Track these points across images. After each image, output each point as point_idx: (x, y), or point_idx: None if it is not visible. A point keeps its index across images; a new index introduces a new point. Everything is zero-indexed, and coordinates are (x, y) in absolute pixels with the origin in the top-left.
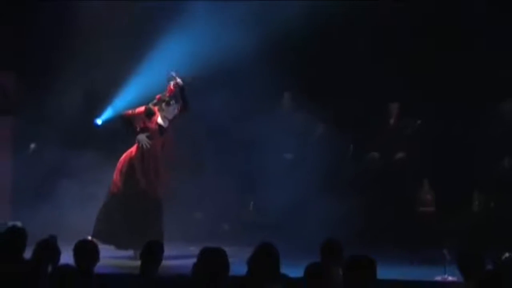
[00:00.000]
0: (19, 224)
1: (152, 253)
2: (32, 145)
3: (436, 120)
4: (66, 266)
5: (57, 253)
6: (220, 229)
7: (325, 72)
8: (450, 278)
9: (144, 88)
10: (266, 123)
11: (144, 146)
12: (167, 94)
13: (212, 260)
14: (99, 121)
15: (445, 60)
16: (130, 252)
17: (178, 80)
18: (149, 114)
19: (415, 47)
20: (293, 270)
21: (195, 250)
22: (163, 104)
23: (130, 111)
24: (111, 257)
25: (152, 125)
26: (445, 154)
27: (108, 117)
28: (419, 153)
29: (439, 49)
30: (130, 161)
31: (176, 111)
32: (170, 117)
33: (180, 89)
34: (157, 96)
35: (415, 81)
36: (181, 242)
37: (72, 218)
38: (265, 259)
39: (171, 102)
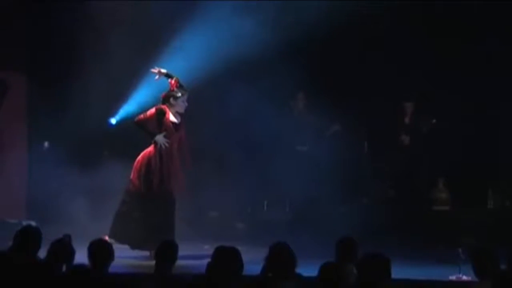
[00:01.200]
0: (33, 223)
1: (166, 252)
2: (46, 144)
3: (451, 119)
4: (81, 265)
5: (71, 252)
6: (234, 228)
7: (340, 71)
8: (464, 278)
9: (159, 88)
10: (282, 121)
11: (163, 146)
12: (171, 89)
13: (226, 260)
14: (113, 121)
15: (461, 58)
16: (145, 252)
17: (161, 70)
18: (161, 114)
19: (430, 45)
20: (308, 269)
21: (209, 249)
22: (171, 99)
23: (142, 116)
24: (126, 257)
25: (167, 124)
26: (460, 152)
27: (123, 116)
28: (434, 152)
29: (455, 46)
30: (148, 161)
31: (186, 103)
32: (182, 110)
33: (166, 75)
34: (162, 95)
35: (430, 79)
36: (196, 241)
37: (87, 217)
38: (280, 258)
39: (178, 95)
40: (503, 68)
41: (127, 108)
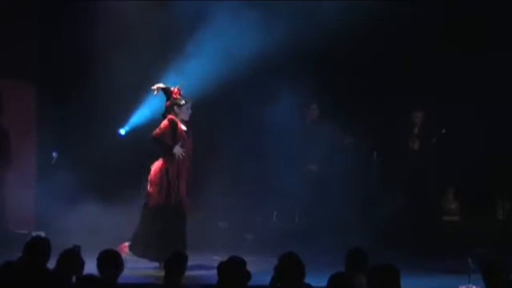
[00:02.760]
0: (42, 234)
1: (176, 263)
2: (55, 154)
3: (460, 129)
4: (90, 276)
5: (80, 263)
6: (244, 239)
7: (351, 83)
8: (474, 287)
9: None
10: (293, 133)
11: (181, 156)
12: (174, 98)
13: (231, 271)
14: (122, 131)
15: (471, 67)
16: (155, 262)
17: (159, 86)
18: (174, 124)
19: (439, 55)
20: (318, 280)
21: (219, 260)
22: (175, 107)
23: (158, 130)
24: (135, 267)
25: (180, 134)
26: (470, 163)
27: (132, 127)
28: (444, 162)
29: (464, 55)
30: (167, 173)
31: (189, 110)
32: (187, 118)
33: (163, 89)
34: (166, 104)
35: (439, 90)
36: (205, 252)
37: (96, 227)
38: (289, 268)
39: (182, 103)
40: None
41: (137, 118)
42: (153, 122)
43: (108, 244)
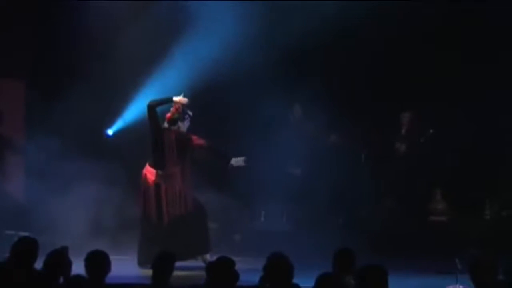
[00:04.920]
0: (30, 235)
1: (163, 263)
2: (42, 156)
3: (448, 129)
4: (78, 277)
5: (68, 264)
6: (232, 239)
7: (336, 82)
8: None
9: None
10: (277, 133)
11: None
12: (177, 111)
13: (219, 271)
14: (110, 132)
15: (458, 68)
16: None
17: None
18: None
19: (428, 54)
20: (306, 280)
21: (208, 259)
22: (179, 122)
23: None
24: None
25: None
26: (457, 163)
27: (120, 127)
28: (431, 162)
29: (454, 55)
30: (156, 190)
31: (189, 122)
32: (185, 129)
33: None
34: (167, 116)
35: (426, 89)
36: None
37: (84, 228)
38: (277, 268)
39: (185, 117)
40: (503, 78)
41: (125, 119)
42: (142, 123)
43: (97, 245)
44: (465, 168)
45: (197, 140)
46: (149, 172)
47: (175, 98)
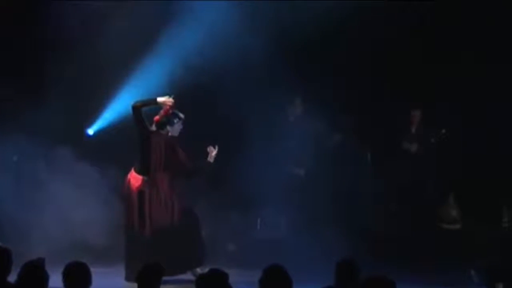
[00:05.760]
0: (2, 244)
1: (150, 276)
2: (15, 158)
3: (462, 129)
4: None
5: (45, 276)
6: (225, 249)
7: (341, 77)
8: None
9: (141, 93)
10: (276, 131)
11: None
12: (167, 114)
13: (211, 285)
14: (90, 131)
15: (472, 65)
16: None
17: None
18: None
19: (440, 50)
20: None
21: (198, 272)
22: (168, 127)
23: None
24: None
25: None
26: (472, 166)
27: (101, 127)
28: (444, 165)
29: (467, 54)
30: (139, 198)
31: (181, 126)
32: (177, 134)
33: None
34: (155, 119)
35: (439, 86)
36: None
37: (61, 238)
38: (274, 281)
39: (175, 121)
40: None
41: (105, 117)
42: (123, 122)
43: (75, 256)
44: (481, 171)
45: (182, 157)
46: (134, 178)
47: (160, 99)
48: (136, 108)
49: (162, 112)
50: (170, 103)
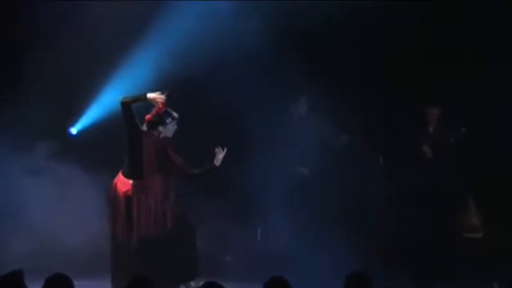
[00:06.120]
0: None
1: None
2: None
3: (484, 128)
4: None
5: None
6: (222, 261)
7: (349, 72)
8: None
9: (126, 89)
10: (279, 132)
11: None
12: (159, 113)
13: None
14: (73, 131)
15: (494, 60)
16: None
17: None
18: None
19: (459, 44)
20: None
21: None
22: (160, 127)
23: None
24: None
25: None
26: (494, 169)
27: (84, 126)
28: (464, 167)
29: (489, 49)
30: (127, 203)
31: (175, 126)
32: (171, 135)
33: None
34: (147, 118)
35: (460, 80)
36: None
37: (41, 248)
38: None
39: (168, 121)
40: None
41: (89, 116)
42: (109, 120)
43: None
44: (505, 175)
45: (177, 160)
46: (121, 182)
47: (150, 95)
48: (125, 104)
49: (154, 110)
50: (161, 100)
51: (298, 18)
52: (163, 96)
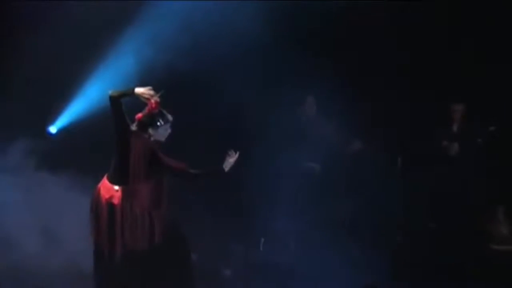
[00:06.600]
0: None
1: None
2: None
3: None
4: None
5: None
6: (220, 275)
7: (360, 69)
8: None
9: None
10: (285, 134)
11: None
12: (149, 113)
13: None
14: (53, 129)
15: None
16: None
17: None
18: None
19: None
20: None
21: None
22: (150, 130)
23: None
24: None
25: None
26: None
27: (64, 124)
28: (493, 171)
29: None
30: (109, 210)
31: (169, 130)
32: (163, 139)
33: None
34: (138, 117)
35: (487, 74)
36: None
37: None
38: None
39: (159, 124)
40: None
41: (70, 113)
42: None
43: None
44: None
45: (170, 162)
46: (105, 188)
47: (138, 90)
48: (114, 99)
49: (146, 109)
50: (148, 96)
51: (305, 16)
52: (152, 92)
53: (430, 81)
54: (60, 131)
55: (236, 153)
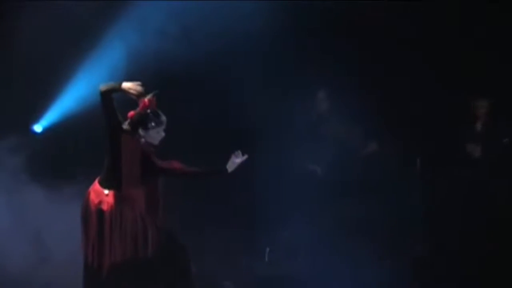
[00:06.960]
0: None
1: None
2: None
3: None
4: None
5: None
6: None
7: (374, 62)
8: None
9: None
10: (293, 133)
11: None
12: (142, 112)
13: None
14: (38, 128)
15: None
16: None
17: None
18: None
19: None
20: None
21: None
22: (140, 130)
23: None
24: None
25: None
26: None
27: (52, 121)
28: None
29: None
30: (98, 218)
31: (162, 133)
32: (156, 142)
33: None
34: (130, 114)
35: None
36: None
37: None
38: None
39: (150, 125)
40: None
41: (57, 110)
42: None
43: None
44: None
45: (167, 164)
46: (95, 192)
47: (125, 85)
48: (104, 94)
49: (139, 107)
50: (135, 92)
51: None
52: (140, 89)
53: (451, 77)
54: (46, 130)
55: (243, 155)
